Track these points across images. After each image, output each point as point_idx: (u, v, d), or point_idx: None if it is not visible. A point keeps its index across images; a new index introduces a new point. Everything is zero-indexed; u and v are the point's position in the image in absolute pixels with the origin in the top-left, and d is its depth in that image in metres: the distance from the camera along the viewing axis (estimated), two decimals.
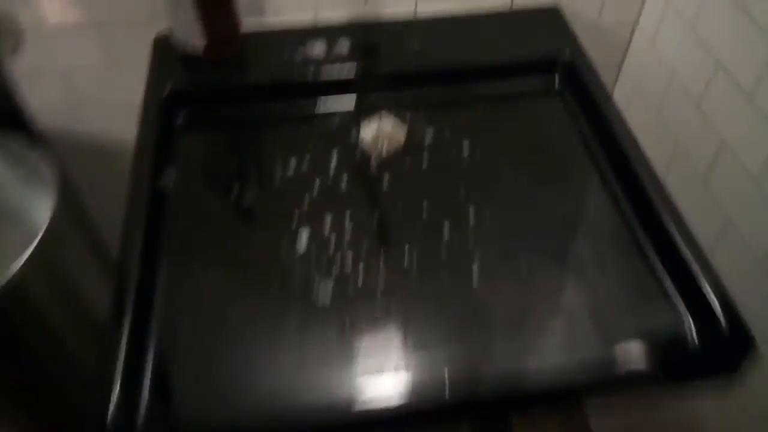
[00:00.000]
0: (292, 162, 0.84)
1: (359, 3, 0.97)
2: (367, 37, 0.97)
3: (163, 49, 0.93)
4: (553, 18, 1.02)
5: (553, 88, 0.95)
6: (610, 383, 0.66)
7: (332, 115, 0.91)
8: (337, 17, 0.99)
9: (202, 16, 0.84)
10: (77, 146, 1.08)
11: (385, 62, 0.93)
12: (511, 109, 0.93)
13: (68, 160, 1.05)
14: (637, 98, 1.12)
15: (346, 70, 0.91)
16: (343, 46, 0.94)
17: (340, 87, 0.91)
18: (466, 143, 0.87)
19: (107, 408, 0.59)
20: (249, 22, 0.96)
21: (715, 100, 0.90)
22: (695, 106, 0.94)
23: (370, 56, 0.93)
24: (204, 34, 0.86)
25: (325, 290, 0.70)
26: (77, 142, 1.08)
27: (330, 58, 0.93)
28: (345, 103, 0.92)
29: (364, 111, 0.91)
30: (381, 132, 0.89)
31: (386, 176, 0.83)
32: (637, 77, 1.12)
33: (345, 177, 0.83)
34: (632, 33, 1.10)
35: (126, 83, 0.95)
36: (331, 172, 0.84)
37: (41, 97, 1.01)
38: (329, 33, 0.96)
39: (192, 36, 0.86)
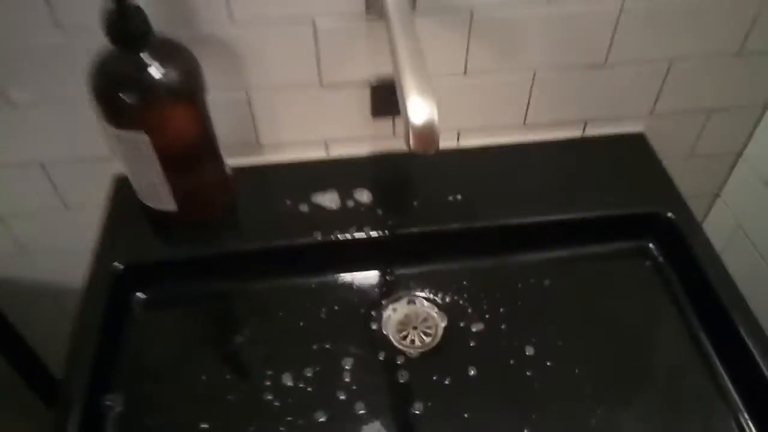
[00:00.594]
0: (290, 372, 0.60)
1: (384, 133, 0.74)
2: (394, 182, 0.74)
3: (124, 195, 0.70)
4: (637, 148, 0.77)
5: (647, 256, 0.71)
6: None
7: (346, 294, 0.67)
8: (354, 153, 0.75)
9: (170, 180, 0.61)
10: (24, 293, 0.86)
11: (419, 218, 0.69)
12: (592, 286, 0.68)
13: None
14: (737, 238, 0.87)
15: (366, 231, 0.67)
16: (363, 195, 0.71)
17: (357, 254, 0.68)
18: (529, 338, 0.63)
19: None
20: (242, 162, 0.73)
21: None
22: None
23: (398, 209, 0.70)
24: (174, 199, 0.62)
25: None
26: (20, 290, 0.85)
27: (345, 211, 0.69)
28: (363, 277, 0.68)
29: (388, 289, 0.68)
30: (411, 320, 0.65)
31: (416, 385, 0.59)
32: (738, 213, 0.87)
33: (360, 385, 0.59)
34: (735, 163, 0.85)
35: (79, 229, 0.73)
36: (344, 379, 0.60)
37: None
38: (345, 175, 0.73)
39: (159, 200, 0.63)
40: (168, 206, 0.63)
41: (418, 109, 0.45)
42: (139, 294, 0.66)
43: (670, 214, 0.68)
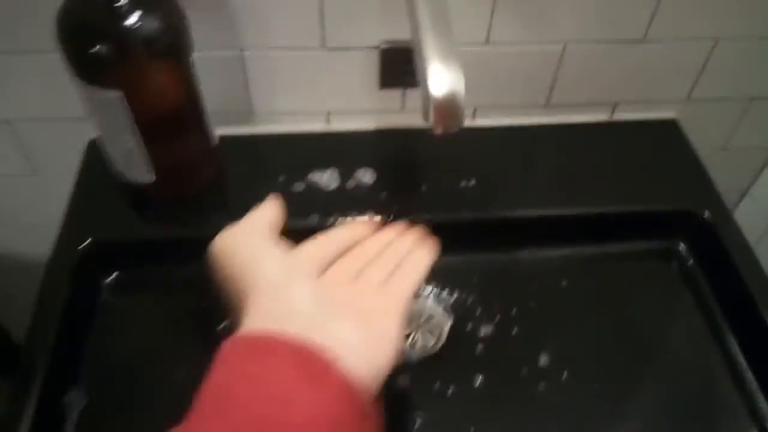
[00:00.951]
0: None
1: (393, 106, 0.66)
2: (401, 162, 0.66)
3: (98, 163, 0.62)
4: (670, 136, 0.70)
5: (675, 258, 0.64)
6: None
7: None
8: (358, 127, 0.68)
9: (148, 147, 0.53)
10: None
11: (427, 204, 0.62)
12: (613, 289, 0.61)
13: None
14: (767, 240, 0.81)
15: (368, 216, 0.60)
16: (365, 175, 0.63)
17: None
18: (543, 345, 0.56)
19: None
20: (232, 132, 0.65)
21: None
22: None
23: (404, 193, 0.63)
24: (152, 169, 0.55)
25: None
26: None
27: (344, 192, 0.62)
28: None
29: None
30: (413, 317, 0.58)
31: (417, 393, 0.53)
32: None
33: None
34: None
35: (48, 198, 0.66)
36: None
37: None
38: (346, 151, 0.65)
39: (136, 170, 0.55)
40: (145, 178, 0.56)
41: (441, 77, 0.37)
42: (109, 276, 0.59)
43: (706, 214, 0.61)
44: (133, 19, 0.46)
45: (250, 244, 0.36)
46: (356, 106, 0.66)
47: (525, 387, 0.54)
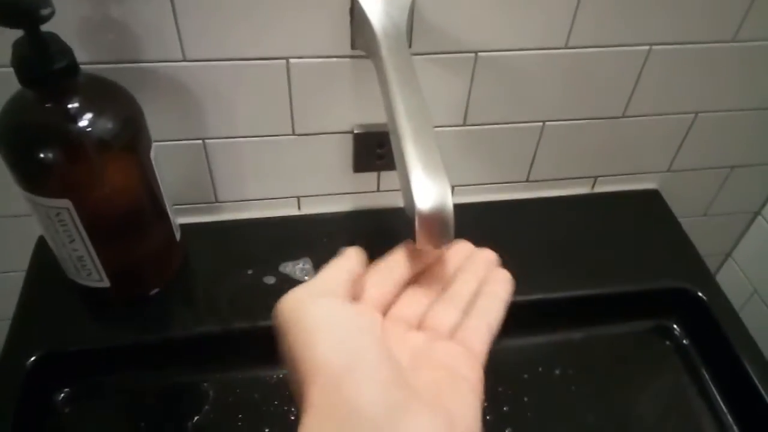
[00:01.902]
0: None
1: (367, 188, 0.63)
2: (379, 246, 0.62)
3: (48, 263, 0.56)
4: (653, 207, 0.68)
5: (668, 336, 0.61)
6: None
7: None
8: (331, 211, 0.64)
9: (101, 253, 0.48)
10: None
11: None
12: (607, 374, 0.58)
13: None
14: (752, 303, 0.79)
15: None
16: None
17: None
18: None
19: None
20: (197, 220, 0.61)
21: None
22: None
23: None
24: (107, 273, 0.50)
25: None
26: None
27: None
28: None
29: None
30: None
31: None
32: (753, 276, 0.79)
33: None
34: (752, 222, 0.77)
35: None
36: None
37: None
38: (320, 237, 0.61)
39: (88, 276, 0.50)
40: (99, 283, 0.51)
41: (425, 190, 0.34)
42: (63, 389, 0.53)
43: (699, 293, 0.59)
44: (83, 122, 0.42)
45: (311, 313, 0.28)
46: (329, 190, 0.62)
47: None
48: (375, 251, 0.61)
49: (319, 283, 0.30)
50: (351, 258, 0.32)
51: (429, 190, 0.34)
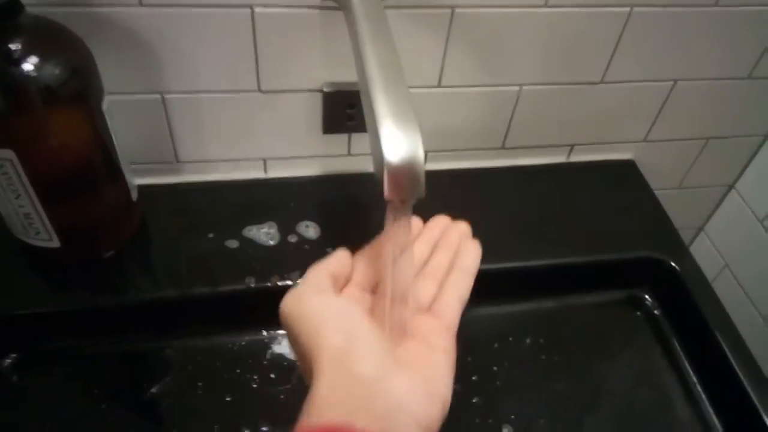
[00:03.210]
0: None
1: (337, 151, 0.60)
2: (348, 212, 0.60)
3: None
4: (629, 178, 0.67)
5: (640, 306, 0.61)
6: None
7: (284, 356, 0.53)
8: (299, 174, 0.61)
9: (49, 210, 0.45)
10: None
11: None
12: (577, 344, 0.57)
13: None
14: (723, 277, 0.79)
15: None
16: (308, 229, 0.57)
17: None
18: (507, 415, 0.51)
19: None
20: (155, 182, 0.58)
21: None
22: None
23: (352, 248, 0.56)
24: (57, 233, 0.47)
25: None
26: None
27: (285, 249, 0.55)
28: None
29: None
30: None
31: None
32: (724, 250, 0.79)
33: None
34: (725, 195, 0.77)
35: None
36: None
37: None
38: (286, 202, 0.59)
39: (37, 234, 0.47)
40: (49, 242, 0.48)
41: (397, 143, 0.32)
42: (10, 355, 0.50)
43: (672, 263, 0.58)
44: (27, 66, 0.39)
45: (310, 307, 0.34)
46: (297, 152, 0.60)
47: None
48: (345, 217, 0.59)
49: (309, 284, 0.35)
50: (332, 260, 0.37)
51: (400, 142, 0.32)
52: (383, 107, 0.33)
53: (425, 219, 0.47)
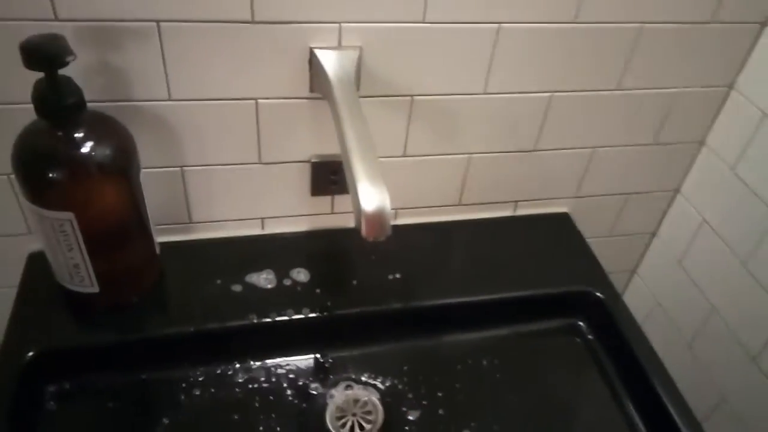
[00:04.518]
0: None
1: (323, 210, 0.73)
2: (333, 261, 0.73)
3: (39, 274, 0.64)
4: (564, 227, 0.81)
5: (578, 333, 0.73)
6: None
7: (282, 380, 0.64)
8: (291, 230, 0.74)
9: (94, 261, 0.57)
10: None
11: (358, 298, 0.68)
12: (527, 364, 0.69)
13: None
14: (655, 313, 0.92)
15: (304, 312, 0.65)
16: (300, 274, 0.69)
17: (294, 337, 0.65)
18: (467, 422, 0.62)
19: None
20: (173, 239, 0.70)
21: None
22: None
23: (337, 289, 0.68)
24: (97, 280, 0.58)
25: None
26: None
27: (281, 291, 0.67)
28: (301, 361, 0.66)
29: (326, 373, 0.65)
30: (350, 406, 0.63)
31: None
32: (654, 289, 0.92)
33: None
34: (650, 242, 0.91)
35: None
36: None
37: None
38: (281, 253, 0.71)
39: (81, 281, 0.58)
40: (89, 288, 0.59)
41: (370, 196, 0.45)
42: (54, 386, 0.60)
43: (598, 294, 0.71)
44: (86, 148, 0.51)
45: None
46: (290, 212, 0.72)
47: None
48: (331, 263, 0.71)
49: None
50: None
51: (372, 195, 0.45)
52: (359, 171, 0.46)
53: (400, 263, 0.59)
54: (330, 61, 0.56)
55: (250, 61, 0.58)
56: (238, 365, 0.64)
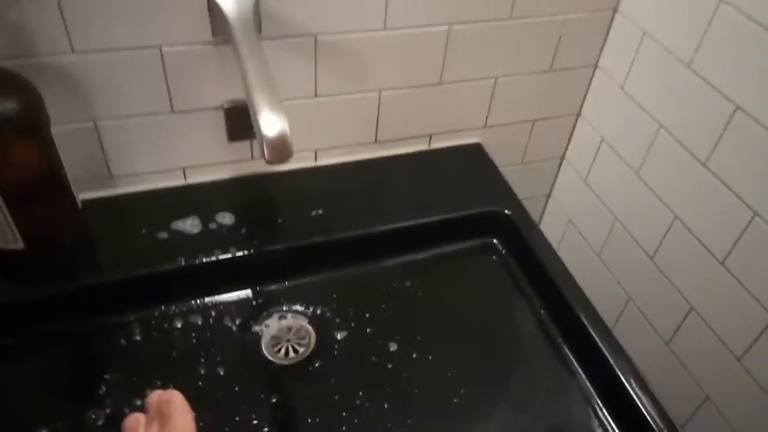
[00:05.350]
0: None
1: (243, 156, 0.76)
2: (257, 203, 0.75)
3: None
4: (477, 157, 0.86)
5: (493, 251, 0.78)
6: None
7: (217, 315, 0.67)
8: (214, 178, 0.76)
9: (15, 217, 0.58)
10: None
11: (283, 235, 0.71)
12: (448, 282, 0.74)
13: None
14: (569, 231, 0.99)
15: (232, 251, 0.68)
16: (225, 217, 0.72)
17: (224, 275, 0.68)
18: (392, 336, 0.67)
19: None
20: (94, 195, 0.71)
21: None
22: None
23: (263, 228, 0.71)
24: (21, 237, 0.59)
25: None
26: None
27: (207, 234, 0.69)
28: (234, 297, 0.69)
29: (259, 306, 0.69)
30: (283, 334, 0.67)
31: (294, 394, 0.61)
32: (567, 210, 0.99)
33: (240, 401, 0.59)
34: (560, 166, 0.98)
35: None
36: (223, 396, 0.60)
37: None
38: (205, 200, 0.73)
39: (5, 239, 0.59)
40: (14, 245, 0.60)
41: (270, 122, 0.48)
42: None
43: (507, 212, 0.77)
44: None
45: None
46: (210, 160, 0.74)
47: (378, 370, 0.64)
48: (254, 207, 0.74)
49: None
50: None
51: (273, 122, 0.48)
52: (259, 102, 0.49)
53: (322, 201, 0.62)
54: (227, 2, 0.58)
55: (150, 7, 0.59)
56: (174, 307, 0.67)
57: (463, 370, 0.65)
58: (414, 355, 0.66)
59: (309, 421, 0.59)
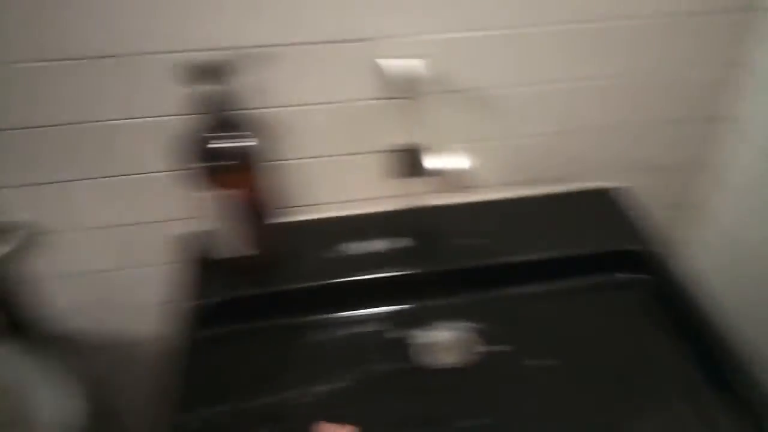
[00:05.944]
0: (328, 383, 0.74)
1: (409, 191, 0.89)
2: (419, 231, 0.89)
3: (187, 252, 0.85)
4: (603, 200, 0.95)
5: (637, 282, 0.85)
6: None
7: (379, 322, 0.81)
8: (381, 209, 0.91)
9: (251, 229, 0.76)
10: (100, 346, 0.99)
11: (440, 259, 0.84)
12: (590, 309, 0.82)
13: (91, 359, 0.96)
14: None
15: (397, 270, 0.82)
16: (392, 242, 0.86)
17: (388, 290, 0.82)
18: (534, 353, 0.77)
19: None
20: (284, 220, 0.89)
21: None
22: None
23: (426, 253, 0.85)
24: (251, 244, 0.77)
25: None
26: (100, 342, 0.98)
27: (377, 255, 0.84)
28: (393, 309, 0.83)
29: (417, 320, 0.81)
30: (442, 344, 0.79)
31: (448, 397, 0.73)
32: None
33: (404, 399, 0.72)
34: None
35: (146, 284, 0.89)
36: (388, 397, 0.73)
37: (64, 299, 0.92)
38: (374, 225, 0.88)
39: (240, 247, 0.77)
40: (247, 251, 0.78)
41: (455, 160, 0.62)
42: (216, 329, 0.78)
43: (651, 250, 0.84)
44: (249, 143, 0.71)
45: None
46: (374, 195, 0.89)
47: (528, 383, 0.74)
48: (416, 238, 0.87)
49: None
50: None
51: (459, 160, 0.62)
52: (440, 146, 0.63)
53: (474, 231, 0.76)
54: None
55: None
56: (345, 314, 0.81)
57: (599, 398, 0.72)
58: (553, 375, 0.74)
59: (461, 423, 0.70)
